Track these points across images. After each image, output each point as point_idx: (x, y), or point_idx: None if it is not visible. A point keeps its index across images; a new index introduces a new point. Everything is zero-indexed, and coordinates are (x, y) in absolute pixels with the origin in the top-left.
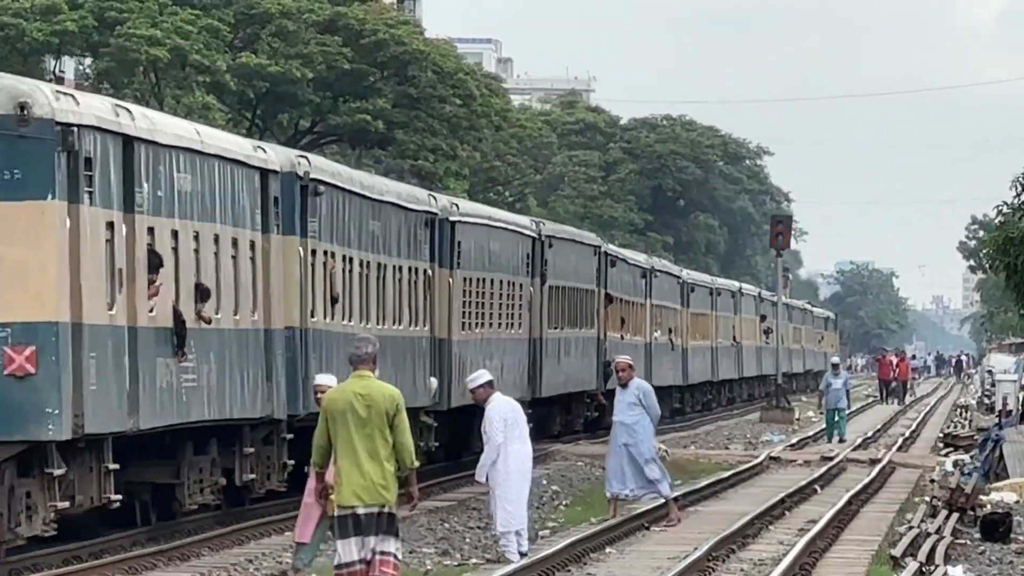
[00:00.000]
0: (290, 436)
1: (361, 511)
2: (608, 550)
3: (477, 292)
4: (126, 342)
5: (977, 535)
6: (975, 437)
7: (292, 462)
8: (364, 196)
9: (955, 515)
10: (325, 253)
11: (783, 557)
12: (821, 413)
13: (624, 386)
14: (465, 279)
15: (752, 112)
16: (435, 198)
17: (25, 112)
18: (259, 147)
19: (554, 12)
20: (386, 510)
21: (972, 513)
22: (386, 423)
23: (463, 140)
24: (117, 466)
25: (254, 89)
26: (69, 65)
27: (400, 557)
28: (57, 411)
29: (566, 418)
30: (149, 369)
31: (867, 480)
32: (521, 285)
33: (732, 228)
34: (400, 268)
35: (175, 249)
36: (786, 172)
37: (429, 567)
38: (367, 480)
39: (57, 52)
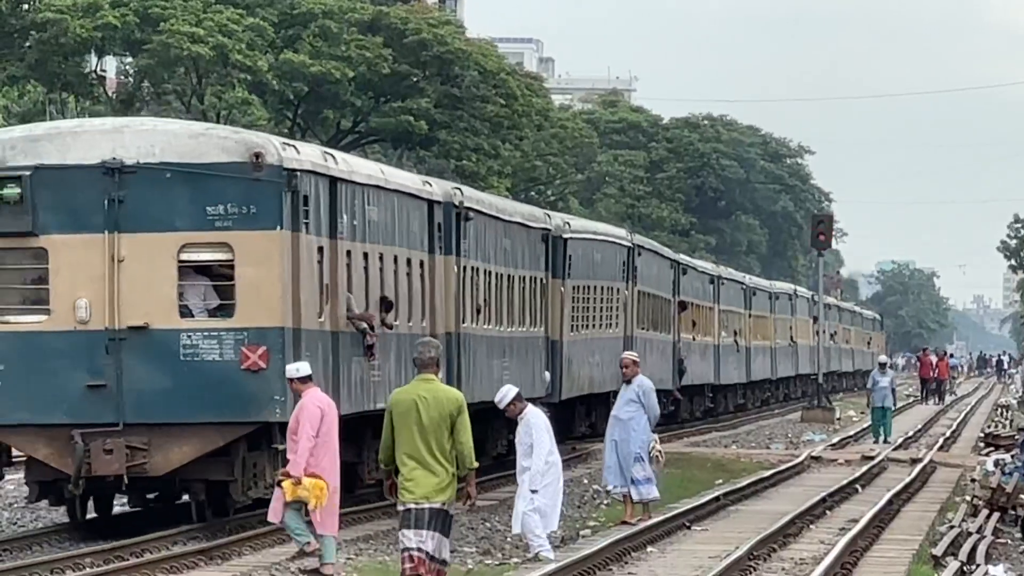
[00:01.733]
0: None
1: (424, 506)
2: (649, 549)
3: (583, 298)
4: (330, 344)
5: (1018, 535)
6: (1016, 436)
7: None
8: (498, 218)
9: (996, 515)
10: (473, 269)
11: (824, 556)
12: (863, 413)
13: (628, 382)
14: (574, 287)
15: (792, 112)
16: (549, 216)
17: (259, 160)
18: (426, 181)
19: (595, 12)
20: (444, 507)
21: (1013, 513)
22: (448, 424)
23: (505, 139)
24: None
25: (294, 90)
26: (110, 63)
27: (448, 561)
28: (282, 398)
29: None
30: (347, 366)
31: (908, 480)
32: (618, 290)
33: (773, 228)
34: (523, 278)
35: (366, 268)
36: (827, 172)
37: (471, 566)
38: (429, 479)
39: (99, 50)
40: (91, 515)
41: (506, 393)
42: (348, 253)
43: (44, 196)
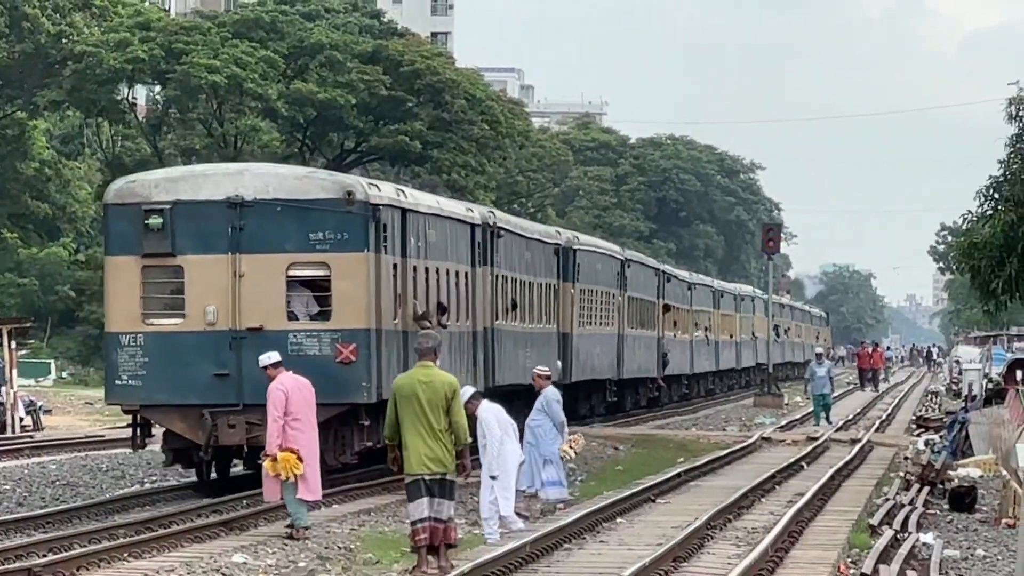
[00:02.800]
0: None
1: (427, 477)
2: (619, 520)
3: (588, 300)
4: (402, 341)
5: (946, 506)
6: (944, 419)
7: None
8: (521, 235)
9: (926, 488)
10: (503, 277)
11: (773, 526)
12: (807, 398)
13: (538, 393)
14: (580, 291)
15: (746, 131)
16: (560, 232)
17: (351, 197)
18: (468, 208)
19: (570, 44)
20: (447, 476)
21: (941, 487)
22: (445, 405)
23: (490, 158)
24: None
25: (304, 115)
26: (141, 92)
27: (453, 518)
28: (368, 384)
29: (635, 396)
30: (414, 358)
31: (848, 458)
32: (613, 295)
33: (728, 235)
34: (540, 284)
35: (426, 280)
36: (777, 184)
37: (460, 536)
38: (431, 452)
39: (130, 80)
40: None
41: (465, 392)
42: (414, 268)
43: (181, 225)
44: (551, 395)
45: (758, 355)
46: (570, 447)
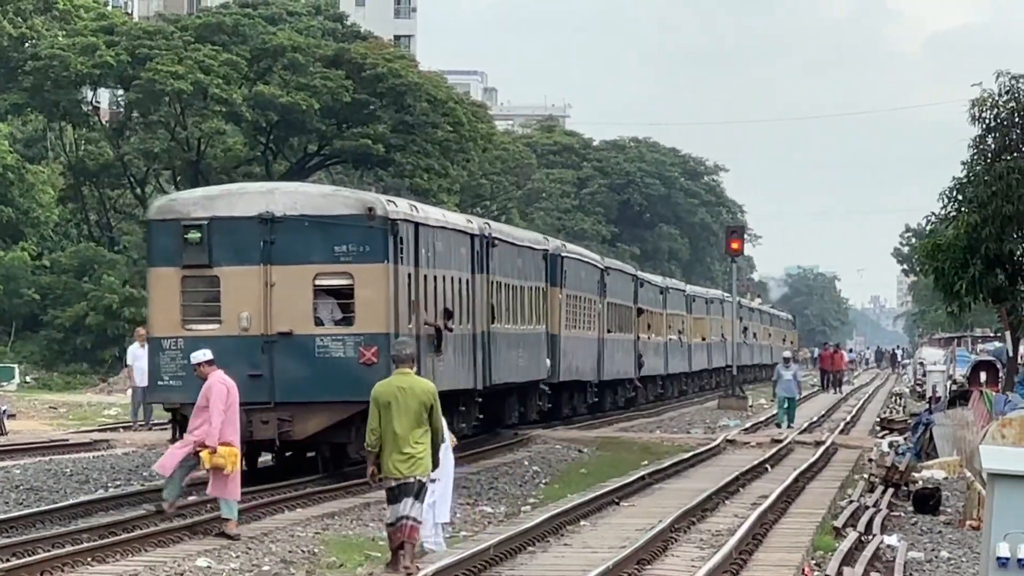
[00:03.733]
0: (480, 399)
1: (406, 481)
2: (582, 523)
3: (573, 305)
4: (418, 344)
5: (910, 508)
6: (908, 421)
7: (482, 415)
8: (514, 243)
9: (890, 490)
10: (497, 283)
11: (738, 528)
12: (772, 400)
13: None
14: (567, 295)
15: (709, 134)
16: (548, 239)
17: (371, 212)
18: (468, 220)
19: (533, 46)
20: (421, 479)
21: (905, 488)
22: (424, 411)
23: (454, 161)
24: None
25: (266, 118)
26: (104, 96)
27: (421, 520)
28: None
29: (614, 397)
30: (428, 359)
31: (812, 460)
32: (595, 301)
33: (692, 238)
34: (530, 288)
35: (435, 287)
36: (740, 187)
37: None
38: (410, 458)
39: (94, 84)
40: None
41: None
42: (425, 277)
43: (217, 239)
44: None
45: (728, 357)
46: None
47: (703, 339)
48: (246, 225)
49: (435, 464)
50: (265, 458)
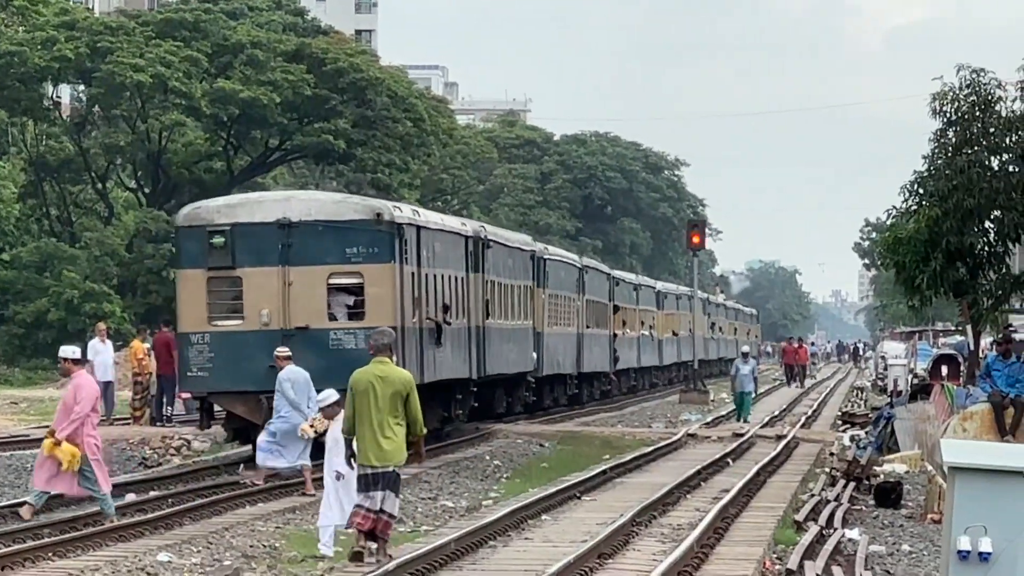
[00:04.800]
0: (475, 388)
1: (379, 470)
2: (544, 517)
3: (555, 303)
4: (418, 336)
5: (871, 502)
6: (869, 415)
7: (476, 404)
8: (505, 245)
9: (852, 484)
10: (490, 281)
11: (699, 522)
12: (733, 395)
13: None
14: (549, 295)
15: (671, 129)
16: (534, 242)
17: (379, 218)
18: (463, 223)
19: (494, 41)
20: (393, 470)
21: (867, 482)
22: (400, 400)
23: (414, 156)
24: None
25: (227, 113)
26: (65, 91)
27: (395, 515)
28: None
29: (591, 389)
30: (429, 350)
31: (774, 454)
32: (572, 299)
33: (654, 232)
34: (519, 287)
35: (435, 285)
36: (702, 182)
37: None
38: (383, 446)
39: (55, 79)
40: None
41: (327, 396)
42: (426, 276)
43: (240, 243)
44: (282, 375)
45: (696, 351)
46: (311, 427)
47: (674, 334)
48: (265, 230)
49: (415, 456)
50: None
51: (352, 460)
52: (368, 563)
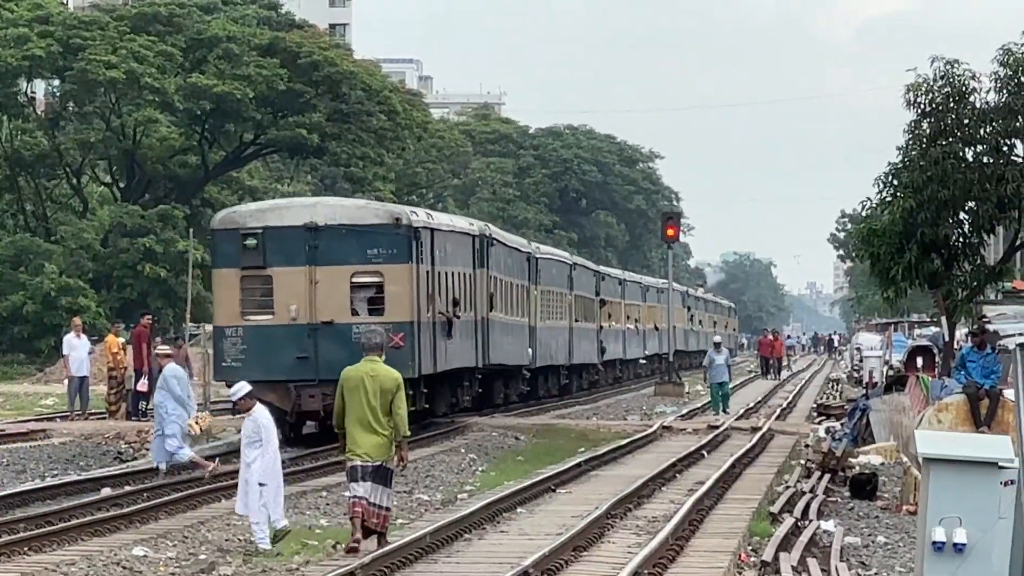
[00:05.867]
0: (480, 377)
1: (368, 464)
2: (519, 510)
3: (547, 299)
4: (433, 329)
5: (847, 493)
6: (845, 407)
7: (480, 389)
8: (506, 245)
9: (827, 476)
10: (493, 278)
11: (674, 514)
12: (708, 387)
13: (160, 371)
14: (542, 291)
15: (645, 121)
16: (529, 243)
17: (398, 222)
18: (470, 223)
19: (468, 34)
20: (384, 464)
21: (842, 474)
22: (389, 398)
23: (389, 149)
24: (426, 390)
25: (201, 107)
26: (39, 87)
27: (391, 507)
28: (412, 364)
29: (579, 380)
30: (441, 342)
31: (749, 446)
32: (563, 295)
33: (629, 224)
34: (516, 284)
35: (446, 282)
36: (676, 174)
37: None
38: (371, 441)
39: (28, 75)
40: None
41: (239, 388)
42: (439, 273)
43: (270, 244)
44: (168, 372)
45: (677, 342)
46: (196, 423)
47: (656, 327)
48: (294, 233)
49: (399, 459)
50: (309, 426)
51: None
52: (362, 553)
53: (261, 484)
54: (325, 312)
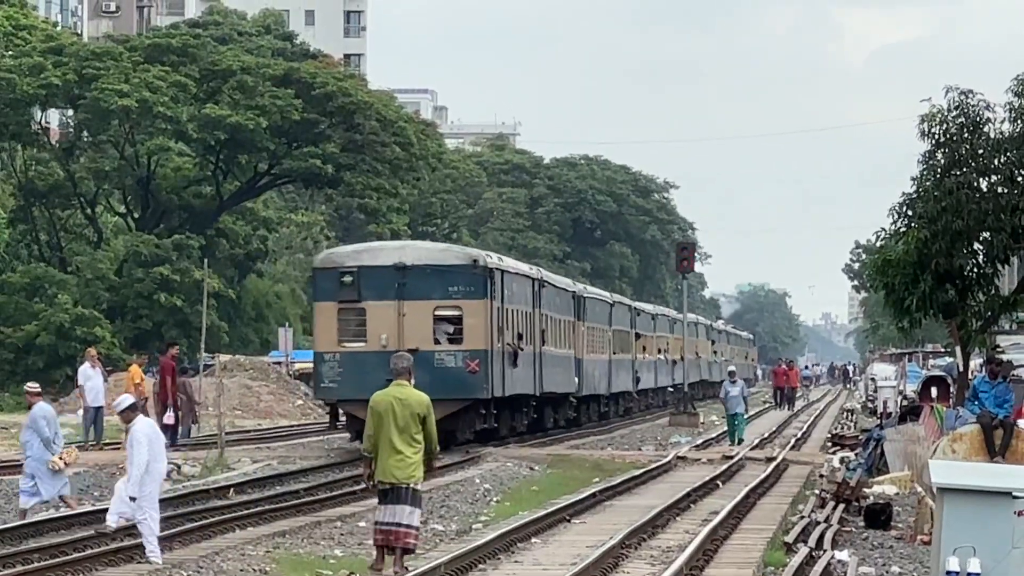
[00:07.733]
0: (535, 403)
1: (398, 486)
2: (534, 540)
3: (592, 334)
4: (503, 358)
5: (861, 523)
6: (859, 436)
7: (535, 415)
8: (554, 286)
9: (842, 506)
10: (546, 316)
11: (688, 544)
12: (724, 418)
13: (29, 408)
14: (588, 327)
15: (660, 151)
16: (575, 283)
17: (476, 263)
18: (530, 268)
19: (483, 65)
20: (413, 485)
21: (857, 504)
22: (418, 421)
23: (403, 180)
24: (495, 411)
25: (215, 137)
26: (54, 116)
27: (418, 527)
28: (486, 386)
29: (616, 407)
30: (508, 369)
31: (763, 476)
32: (604, 330)
33: (643, 255)
34: (564, 321)
35: (512, 318)
36: (691, 204)
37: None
38: (402, 463)
39: (43, 104)
40: None
41: (121, 401)
42: (507, 310)
43: (364, 281)
44: (36, 412)
45: (702, 372)
46: (61, 459)
47: (681, 358)
48: (385, 271)
49: (427, 468)
50: None
51: (371, 478)
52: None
53: (132, 498)
54: (411, 341)
